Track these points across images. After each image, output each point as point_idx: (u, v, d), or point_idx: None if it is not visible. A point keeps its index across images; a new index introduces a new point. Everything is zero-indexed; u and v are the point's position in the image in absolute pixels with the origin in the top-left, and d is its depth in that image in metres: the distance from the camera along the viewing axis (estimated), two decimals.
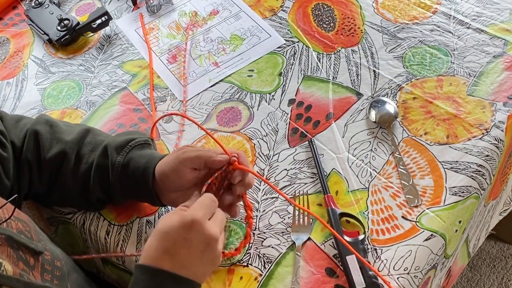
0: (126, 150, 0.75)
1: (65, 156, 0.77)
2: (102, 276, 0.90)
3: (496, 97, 0.88)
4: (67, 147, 0.77)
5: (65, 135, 0.78)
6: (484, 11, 1.00)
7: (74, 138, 0.78)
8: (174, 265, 0.62)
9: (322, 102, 0.92)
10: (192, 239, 0.62)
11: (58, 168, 0.77)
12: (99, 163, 0.75)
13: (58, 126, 0.80)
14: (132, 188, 0.75)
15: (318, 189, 0.81)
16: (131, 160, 0.74)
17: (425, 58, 0.95)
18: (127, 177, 0.74)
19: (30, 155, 0.77)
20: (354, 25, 1.02)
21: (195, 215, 0.63)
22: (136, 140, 0.76)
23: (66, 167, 0.77)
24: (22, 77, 1.04)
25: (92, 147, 0.77)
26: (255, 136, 0.89)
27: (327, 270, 0.74)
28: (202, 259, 0.64)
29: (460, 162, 0.81)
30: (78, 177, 0.76)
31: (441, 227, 0.76)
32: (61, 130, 0.79)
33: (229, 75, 0.98)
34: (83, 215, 0.83)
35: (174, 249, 0.62)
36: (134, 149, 0.75)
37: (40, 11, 1.10)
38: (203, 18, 1.09)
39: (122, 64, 1.03)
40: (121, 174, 0.74)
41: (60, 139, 0.78)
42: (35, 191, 0.80)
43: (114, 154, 0.75)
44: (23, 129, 0.79)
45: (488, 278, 1.53)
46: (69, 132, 0.79)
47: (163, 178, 0.72)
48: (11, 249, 0.58)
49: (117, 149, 0.75)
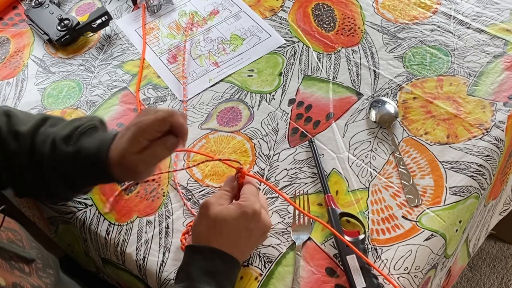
0: (75, 138, 0.72)
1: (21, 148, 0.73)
2: (102, 276, 0.90)
3: (496, 97, 0.88)
4: (22, 139, 0.73)
5: (21, 125, 0.75)
6: (484, 11, 1.00)
7: (29, 129, 0.74)
8: (232, 251, 0.68)
9: (322, 102, 0.92)
10: (253, 229, 0.70)
11: (16, 160, 0.74)
12: (49, 156, 0.72)
13: (16, 117, 0.76)
14: (87, 176, 0.73)
15: (318, 189, 0.81)
16: (80, 148, 0.71)
17: (425, 58, 0.95)
18: (79, 167, 0.71)
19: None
20: (354, 25, 1.02)
21: (255, 206, 0.70)
22: (83, 126, 0.73)
23: (22, 159, 0.73)
24: (22, 77, 1.04)
25: (44, 138, 0.73)
26: (255, 136, 0.89)
27: (327, 269, 0.74)
28: (255, 244, 0.73)
29: (460, 162, 0.81)
30: (36, 169, 0.73)
31: (441, 227, 0.76)
32: (18, 121, 0.75)
33: (229, 75, 0.98)
34: (83, 215, 0.83)
35: (236, 237, 0.69)
36: (83, 136, 0.72)
37: (40, 11, 1.10)
38: (203, 18, 1.09)
39: (122, 64, 1.03)
40: (72, 164, 0.71)
41: (16, 130, 0.74)
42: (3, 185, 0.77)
43: (63, 145, 0.71)
44: None
45: (488, 278, 1.53)
46: (25, 121, 0.76)
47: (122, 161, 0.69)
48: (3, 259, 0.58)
49: (65, 139, 0.72)
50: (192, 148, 0.88)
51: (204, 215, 0.70)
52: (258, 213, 0.70)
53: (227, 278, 0.67)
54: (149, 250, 0.78)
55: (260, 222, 0.71)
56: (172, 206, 0.82)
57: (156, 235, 0.80)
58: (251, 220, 0.69)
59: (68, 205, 0.85)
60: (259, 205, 0.71)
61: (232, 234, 0.69)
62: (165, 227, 0.80)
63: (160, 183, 0.85)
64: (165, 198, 0.83)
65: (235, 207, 0.69)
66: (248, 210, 0.69)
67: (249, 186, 0.74)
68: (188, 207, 0.81)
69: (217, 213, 0.69)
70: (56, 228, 0.88)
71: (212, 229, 0.68)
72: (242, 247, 0.70)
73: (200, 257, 0.67)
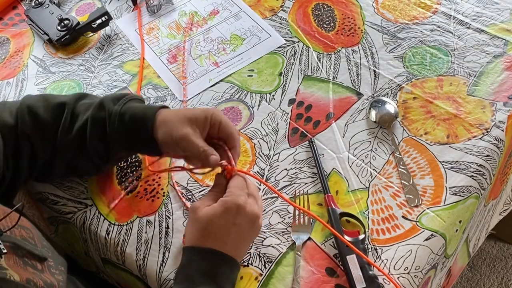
0: (124, 100, 0.76)
1: (63, 117, 0.76)
2: (102, 276, 0.90)
3: (496, 97, 0.88)
4: (64, 108, 0.76)
5: (61, 97, 0.79)
6: (484, 11, 1.00)
7: (70, 99, 0.78)
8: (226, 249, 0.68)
9: (322, 102, 0.92)
10: (240, 223, 0.68)
11: (57, 131, 0.76)
12: (94, 115, 0.75)
13: (51, 95, 0.80)
14: (130, 136, 0.75)
15: (319, 189, 0.81)
16: (128, 109, 0.75)
17: (425, 58, 0.95)
18: (125, 125, 0.74)
19: (27, 127, 0.75)
20: (354, 25, 1.02)
21: (238, 200, 0.68)
22: (132, 95, 0.78)
23: (62, 128, 0.76)
24: (22, 77, 1.04)
25: (87, 106, 0.77)
26: (255, 136, 0.89)
27: (327, 269, 0.74)
28: (248, 237, 0.72)
29: (460, 162, 0.81)
30: (74, 135, 0.75)
31: (442, 227, 0.76)
32: (55, 96, 0.79)
33: (229, 75, 0.98)
34: (83, 215, 0.83)
35: (225, 235, 0.68)
36: (131, 101, 0.77)
37: (40, 11, 1.10)
38: (203, 18, 1.09)
39: (122, 64, 1.03)
40: (118, 122, 0.74)
41: (55, 103, 0.77)
42: (38, 167, 0.78)
43: (111, 105, 0.75)
44: (13, 107, 0.77)
45: (488, 278, 1.53)
46: (64, 95, 0.79)
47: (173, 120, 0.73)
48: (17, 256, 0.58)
49: (114, 100, 0.76)
50: None
51: (192, 219, 0.70)
52: (243, 206, 0.68)
53: (226, 278, 0.67)
54: (149, 250, 0.78)
55: (246, 214, 0.69)
56: (172, 206, 0.82)
57: (156, 235, 0.80)
58: (236, 214, 0.68)
59: (68, 205, 0.85)
60: (243, 198, 0.69)
61: (220, 232, 0.68)
62: (165, 227, 0.80)
63: (160, 183, 0.85)
64: (165, 198, 0.83)
65: (218, 205, 0.69)
66: (230, 205, 0.68)
67: (234, 179, 0.72)
68: (188, 206, 0.81)
69: (203, 215, 0.68)
70: (56, 228, 0.88)
71: (201, 231, 0.68)
72: (234, 244, 0.70)
73: (198, 258, 0.67)
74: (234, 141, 0.74)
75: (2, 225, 0.58)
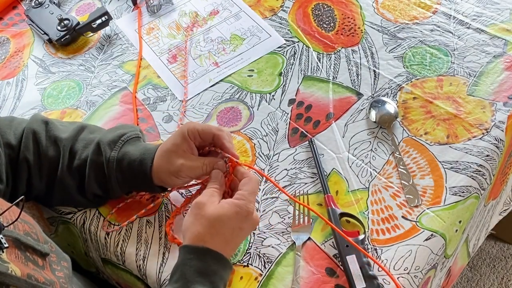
0: (119, 145, 0.76)
1: (61, 154, 0.77)
2: (102, 276, 0.90)
3: (496, 97, 0.88)
4: (62, 145, 0.78)
5: (61, 132, 0.79)
6: (484, 11, 1.00)
7: (68, 136, 0.79)
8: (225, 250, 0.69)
9: (322, 102, 0.92)
10: (245, 227, 0.71)
11: (56, 166, 0.78)
12: (93, 159, 0.76)
13: (54, 124, 0.80)
14: (129, 180, 0.77)
15: (318, 189, 0.81)
16: (125, 154, 0.76)
17: (425, 58, 0.95)
18: (123, 171, 0.76)
19: (29, 154, 0.77)
20: (354, 25, 1.02)
21: (249, 206, 0.69)
22: (128, 135, 0.78)
23: (62, 165, 0.77)
24: (22, 77, 1.04)
25: (85, 143, 0.78)
26: (255, 136, 0.89)
27: (327, 270, 0.74)
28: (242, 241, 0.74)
29: (460, 162, 0.81)
30: (72, 174, 0.77)
31: (441, 227, 0.76)
32: (57, 128, 0.80)
33: (229, 75, 0.98)
34: (83, 215, 0.83)
35: (230, 236, 0.69)
36: (127, 144, 0.77)
37: (40, 11, 1.10)
38: (203, 18, 1.09)
39: (122, 64, 1.03)
40: (116, 168, 0.75)
41: (56, 137, 0.79)
42: (35, 192, 0.80)
43: (108, 150, 0.76)
44: (18, 129, 0.79)
45: (488, 278, 1.53)
46: (64, 130, 0.80)
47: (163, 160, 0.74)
48: (19, 251, 0.58)
49: (110, 144, 0.77)
50: None
51: (198, 215, 0.69)
52: (251, 213, 0.70)
53: (220, 278, 0.67)
54: (149, 250, 0.78)
55: (252, 221, 0.71)
56: (172, 206, 0.82)
57: (156, 235, 0.80)
58: (244, 219, 0.69)
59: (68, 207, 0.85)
60: (253, 205, 0.70)
61: (227, 233, 0.69)
62: (165, 227, 0.80)
63: None
64: (165, 198, 0.83)
65: (229, 206, 0.69)
66: (242, 210, 0.69)
67: (249, 182, 0.72)
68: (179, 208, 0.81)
69: (212, 213, 0.68)
70: (56, 228, 0.88)
71: (208, 229, 0.68)
72: (233, 245, 0.71)
73: (194, 257, 0.67)
74: (220, 138, 0.75)
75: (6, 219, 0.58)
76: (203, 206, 0.69)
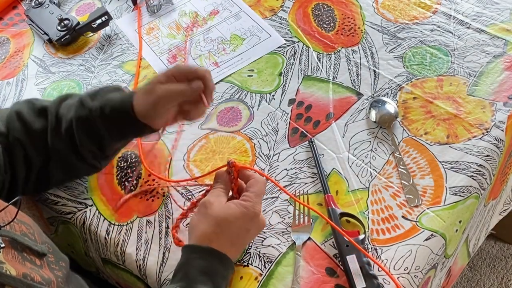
0: (100, 94, 0.76)
1: (48, 122, 0.77)
2: (102, 276, 0.90)
3: (496, 97, 0.88)
4: (47, 113, 0.77)
5: (45, 102, 0.79)
6: (484, 11, 1.00)
7: (52, 103, 0.79)
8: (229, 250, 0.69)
9: (322, 102, 0.92)
10: (251, 229, 0.71)
11: (46, 136, 0.77)
12: (78, 115, 0.75)
13: (36, 99, 0.80)
14: (115, 125, 0.75)
15: (318, 189, 0.81)
16: (107, 101, 0.75)
17: (425, 58, 0.95)
18: (107, 117, 0.75)
19: (18, 133, 0.76)
20: (354, 25, 1.02)
21: (256, 208, 0.70)
22: (108, 87, 0.78)
23: (50, 131, 0.77)
24: (22, 77, 1.04)
25: (69, 106, 0.77)
26: (255, 136, 0.89)
27: (327, 269, 0.74)
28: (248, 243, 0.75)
29: (460, 162, 0.81)
30: (63, 138, 0.76)
31: (441, 227, 0.76)
32: (40, 101, 0.80)
33: (229, 75, 0.98)
34: (83, 215, 0.83)
35: (236, 237, 0.69)
36: (108, 93, 0.77)
37: (40, 11, 1.10)
38: (203, 18, 1.09)
39: (122, 64, 1.03)
40: (101, 116, 0.75)
41: (40, 107, 0.78)
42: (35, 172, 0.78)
43: (89, 101, 0.76)
44: (3, 115, 0.78)
45: (488, 278, 1.53)
46: (48, 100, 0.80)
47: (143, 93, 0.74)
48: (15, 251, 0.58)
49: (91, 96, 0.76)
50: (192, 148, 0.88)
51: (205, 214, 0.69)
52: (258, 214, 0.70)
53: (222, 278, 0.67)
54: (149, 250, 0.78)
55: (259, 223, 0.71)
56: (172, 206, 0.82)
57: (156, 235, 0.80)
58: (251, 221, 0.70)
59: (68, 205, 0.85)
60: (259, 206, 0.71)
61: (233, 234, 0.69)
62: (165, 227, 0.80)
63: (160, 183, 0.85)
64: (165, 198, 0.83)
65: (236, 206, 0.69)
66: (249, 211, 0.69)
67: (256, 183, 0.72)
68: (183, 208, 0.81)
69: (219, 213, 0.69)
70: (56, 228, 0.88)
71: (214, 228, 0.68)
72: (239, 246, 0.71)
73: (197, 257, 0.67)
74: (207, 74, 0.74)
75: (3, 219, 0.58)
76: (210, 205, 0.69)
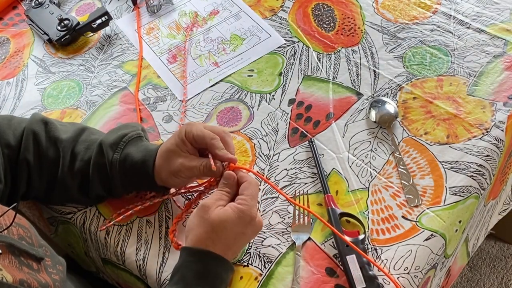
0: (121, 146, 0.77)
1: (61, 154, 0.78)
2: (102, 276, 0.90)
3: (496, 97, 0.88)
4: (62, 146, 0.78)
5: (61, 133, 0.79)
6: (484, 11, 1.00)
7: (69, 137, 0.79)
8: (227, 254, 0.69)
9: (322, 102, 0.92)
10: (247, 233, 0.70)
11: (56, 167, 0.78)
12: (96, 161, 0.77)
13: (53, 125, 0.80)
14: (132, 181, 0.77)
15: (318, 189, 0.81)
16: (127, 155, 0.76)
17: (425, 58, 0.95)
18: (126, 173, 0.76)
19: (29, 155, 0.77)
20: (354, 25, 1.02)
21: (252, 211, 0.69)
22: (129, 135, 0.78)
23: (62, 166, 0.78)
24: (22, 77, 1.04)
25: (87, 145, 0.78)
26: (255, 136, 0.89)
27: (327, 270, 0.74)
28: (245, 245, 0.75)
29: (460, 162, 0.81)
30: (74, 175, 0.77)
31: (441, 227, 0.76)
32: (57, 129, 0.80)
33: (229, 75, 0.98)
34: (83, 215, 0.83)
35: (232, 241, 0.69)
36: (128, 145, 0.77)
37: (40, 11, 1.10)
38: (203, 18, 1.09)
39: (122, 64, 1.03)
40: (119, 170, 0.76)
41: (56, 138, 0.79)
42: (35, 193, 0.80)
43: (110, 152, 0.76)
44: (18, 129, 0.79)
45: (488, 278, 1.53)
46: (64, 130, 0.80)
47: (164, 160, 0.75)
48: (12, 256, 0.58)
49: (112, 146, 0.77)
50: None
51: (202, 218, 0.69)
52: (254, 218, 0.70)
53: (221, 280, 0.68)
54: (149, 250, 0.78)
55: (256, 225, 0.71)
56: (172, 206, 0.82)
57: (156, 235, 0.80)
58: (247, 224, 0.69)
59: (68, 205, 0.85)
60: (255, 210, 0.70)
61: (229, 238, 0.69)
62: (165, 227, 0.80)
63: None
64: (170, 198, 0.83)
65: (233, 211, 0.68)
66: (245, 215, 0.68)
67: (249, 186, 0.72)
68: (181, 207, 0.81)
69: (216, 217, 0.68)
70: (56, 228, 0.88)
71: (210, 233, 0.68)
72: (236, 249, 0.71)
73: (194, 260, 0.67)
74: (213, 148, 0.74)
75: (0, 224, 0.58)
76: (207, 209, 0.69)
